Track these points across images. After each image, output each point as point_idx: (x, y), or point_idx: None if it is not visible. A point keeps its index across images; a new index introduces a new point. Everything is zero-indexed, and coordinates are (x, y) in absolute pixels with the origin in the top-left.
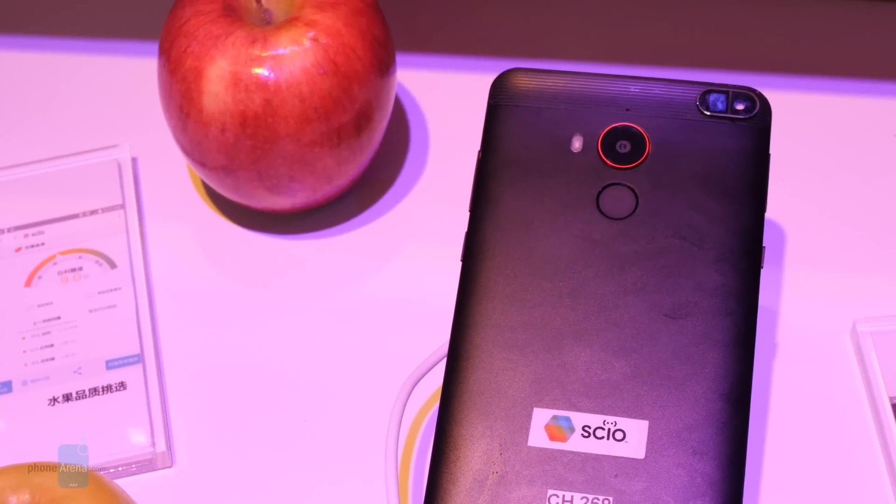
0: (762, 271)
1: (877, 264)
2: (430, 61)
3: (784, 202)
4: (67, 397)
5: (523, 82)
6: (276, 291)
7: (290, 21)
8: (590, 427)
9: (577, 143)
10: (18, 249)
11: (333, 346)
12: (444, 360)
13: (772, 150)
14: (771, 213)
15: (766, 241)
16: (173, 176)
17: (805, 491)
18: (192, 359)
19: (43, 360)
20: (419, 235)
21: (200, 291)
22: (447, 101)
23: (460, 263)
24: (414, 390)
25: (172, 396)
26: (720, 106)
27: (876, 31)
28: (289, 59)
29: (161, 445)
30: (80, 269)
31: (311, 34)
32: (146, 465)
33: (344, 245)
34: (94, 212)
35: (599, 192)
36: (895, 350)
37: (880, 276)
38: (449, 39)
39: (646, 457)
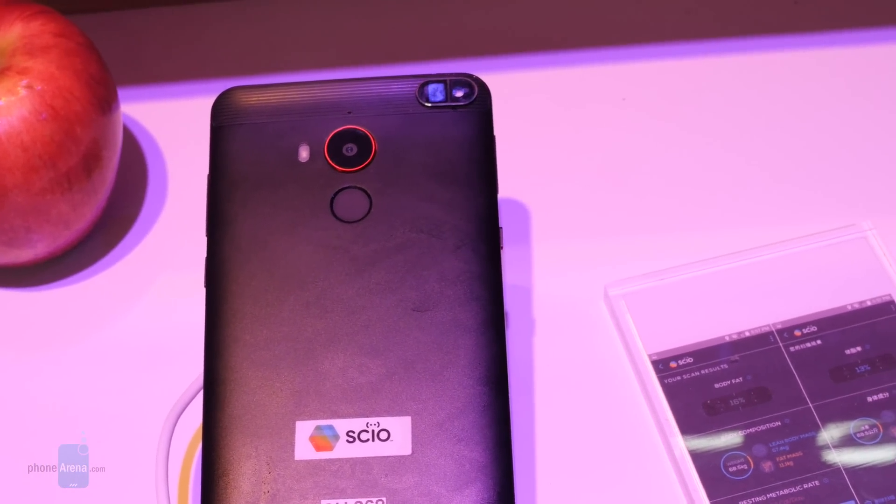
0: (505, 251)
1: (620, 227)
2: (158, 91)
3: (523, 180)
4: None
5: (243, 100)
6: (29, 346)
7: (2, 71)
8: (354, 432)
9: (304, 153)
10: None
11: (95, 393)
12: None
13: (502, 131)
14: (511, 193)
15: (508, 221)
16: None
17: (580, 460)
18: None
19: None
20: (168, 268)
21: None
22: (180, 129)
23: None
24: (182, 424)
25: None
26: (439, 96)
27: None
28: (5, 110)
29: None
30: None
31: (25, 82)
32: None
33: (93, 288)
34: None
35: (332, 198)
36: (648, 308)
37: (625, 238)
38: (173, 67)
39: (413, 452)
